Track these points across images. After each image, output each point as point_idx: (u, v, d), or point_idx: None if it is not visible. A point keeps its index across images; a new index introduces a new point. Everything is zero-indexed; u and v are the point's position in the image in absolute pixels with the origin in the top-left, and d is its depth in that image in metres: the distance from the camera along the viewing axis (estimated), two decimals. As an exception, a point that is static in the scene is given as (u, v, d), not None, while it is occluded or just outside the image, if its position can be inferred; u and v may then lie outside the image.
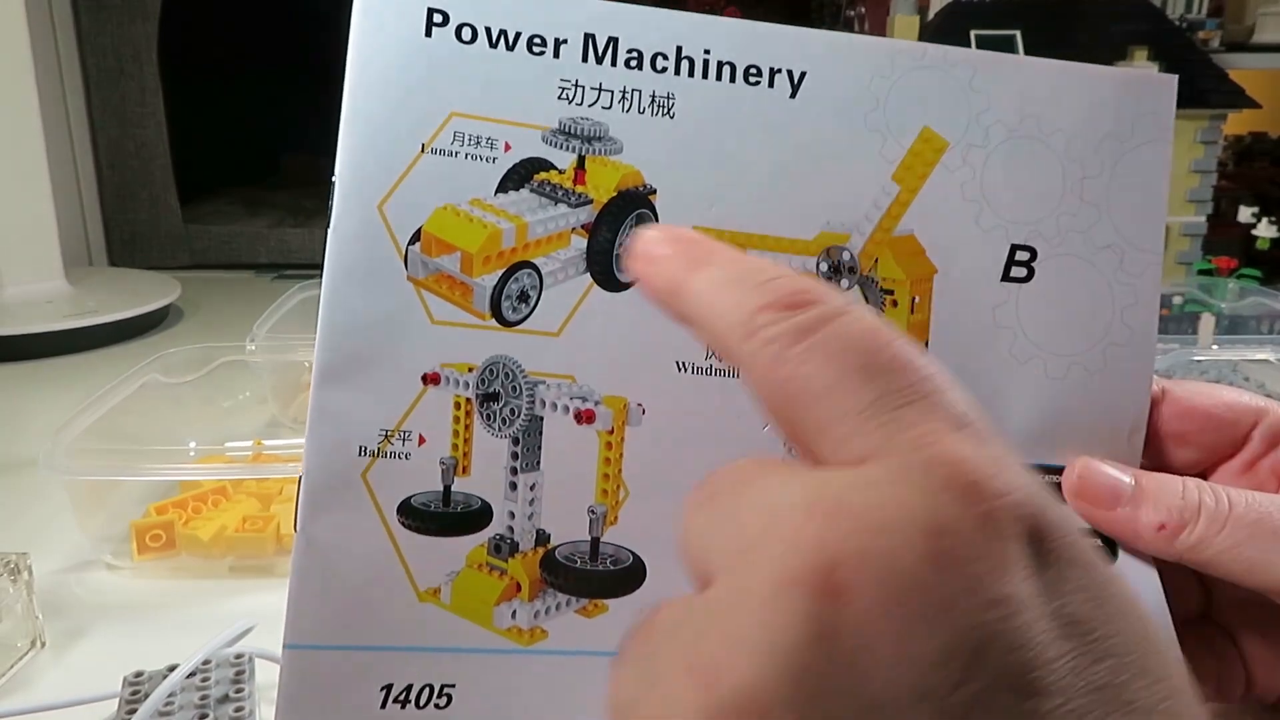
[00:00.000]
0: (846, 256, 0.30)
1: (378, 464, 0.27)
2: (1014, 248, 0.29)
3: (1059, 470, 0.29)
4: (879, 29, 1.18)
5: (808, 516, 0.15)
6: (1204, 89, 1.07)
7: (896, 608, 0.14)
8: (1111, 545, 0.28)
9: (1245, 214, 1.18)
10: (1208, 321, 0.94)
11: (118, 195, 1.26)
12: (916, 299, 0.29)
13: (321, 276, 0.27)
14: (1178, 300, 1.02)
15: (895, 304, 0.29)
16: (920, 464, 0.15)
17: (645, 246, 0.21)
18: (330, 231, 0.27)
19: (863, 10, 1.20)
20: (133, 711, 0.36)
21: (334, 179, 0.27)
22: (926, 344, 0.29)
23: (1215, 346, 0.75)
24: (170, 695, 0.37)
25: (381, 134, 0.27)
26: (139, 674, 0.39)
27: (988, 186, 0.29)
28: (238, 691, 0.38)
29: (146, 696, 0.37)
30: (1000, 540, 0.15)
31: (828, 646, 0.14)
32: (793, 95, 0.29)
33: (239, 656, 0.40)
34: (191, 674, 0.38)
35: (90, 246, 1.26)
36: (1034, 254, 0.29)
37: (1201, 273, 1.15)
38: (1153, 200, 0.29)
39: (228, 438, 0.68)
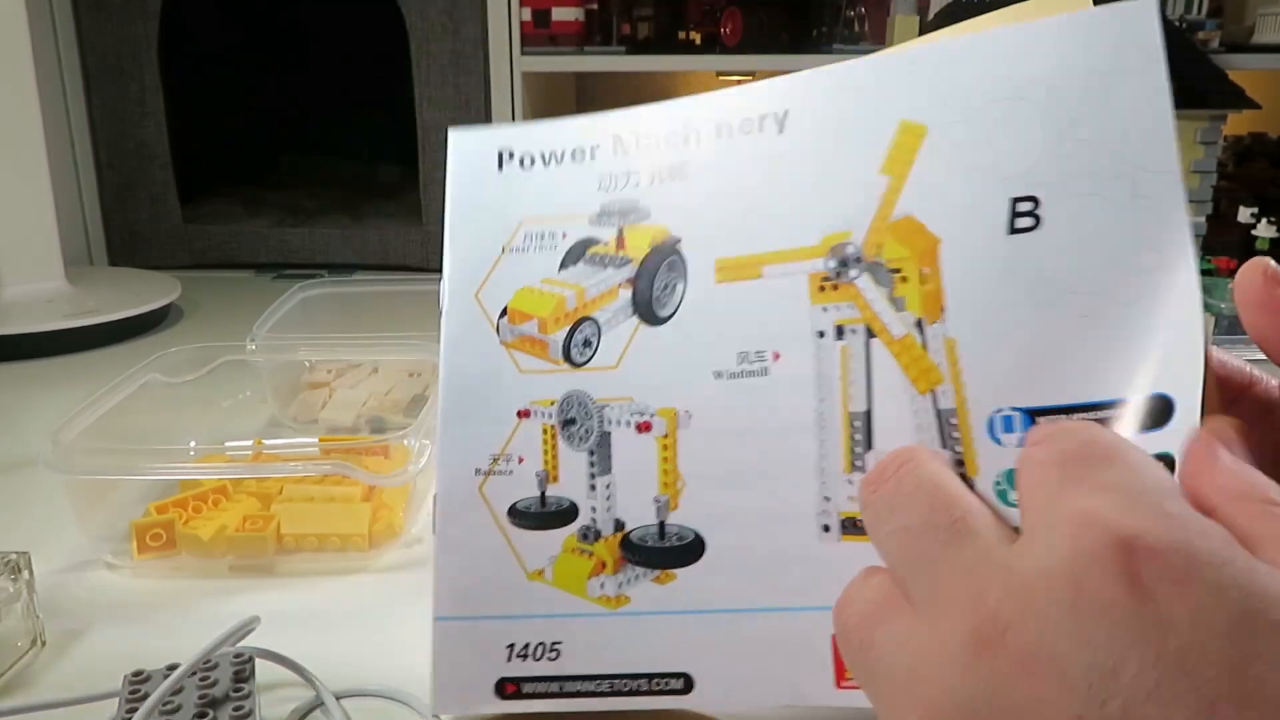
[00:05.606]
0: (850, 249, 0.32)
1: (490, 480, 0.36)
2: (1014, 200, 0.29)
3: (1111, 406, 0.27)
4: (879, 29, 1.18)
5: None
6: (1204, 89, 1.07)
7: None
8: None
9: (1245, 214, 1.17)
10: (1208, 322, 0.94)
11: (118, 195, 1.26)
12: (925, 270, 0.31)
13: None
14: (1177, 300, 1.01)
15: (905, 280, 0.31)
16: None
17: None
18: (444, 315, 0.37)
19: (863, 10, 1.20)
20: (133, 710, 0.36)
21: (443, 277, 0.38)
22: (943, 310, 0.30)
23: (1215, 347, 0.75)
24: (171, 694, 0.37)
25: (474, 245, 0.38)
26: (140, 673, 0.39)
27: (974, 154, 0.30)
28: (239, 691, 0.38)
29: (147, 696, 0.37)
30: None
31: None
32: (780, 132, 0.34)
33: (240, 655, 0.40)
34: (192, 673, 0.38)
35: (90, 246, 1.26)
36: (1036, 202, 0.29)
37: (1202, 273, 1.15)
38: (1158, 122, 0.28)
39: (228, 437, 0.68)
